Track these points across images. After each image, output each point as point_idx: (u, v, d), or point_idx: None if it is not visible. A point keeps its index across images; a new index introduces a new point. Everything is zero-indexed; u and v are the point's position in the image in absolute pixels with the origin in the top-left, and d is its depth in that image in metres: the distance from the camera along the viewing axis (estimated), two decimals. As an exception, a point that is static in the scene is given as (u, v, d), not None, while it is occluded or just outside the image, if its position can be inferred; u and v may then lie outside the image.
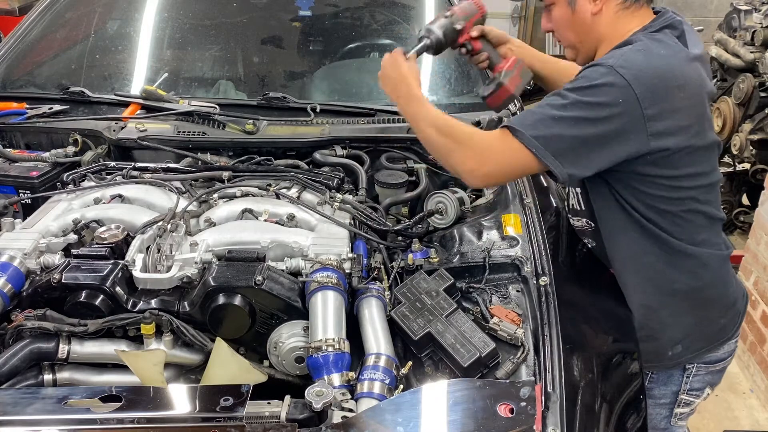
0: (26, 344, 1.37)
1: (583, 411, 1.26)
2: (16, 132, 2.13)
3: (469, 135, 1.50)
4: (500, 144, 1.44)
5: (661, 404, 1.71)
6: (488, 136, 1.49)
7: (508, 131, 1.43)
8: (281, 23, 2.85)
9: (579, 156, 1.40)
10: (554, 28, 1.56)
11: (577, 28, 1.52)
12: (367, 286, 1.49)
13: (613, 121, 1.37)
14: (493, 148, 1.46)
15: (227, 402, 1.13)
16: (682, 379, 1.68)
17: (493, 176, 1.51)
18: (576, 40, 1.54)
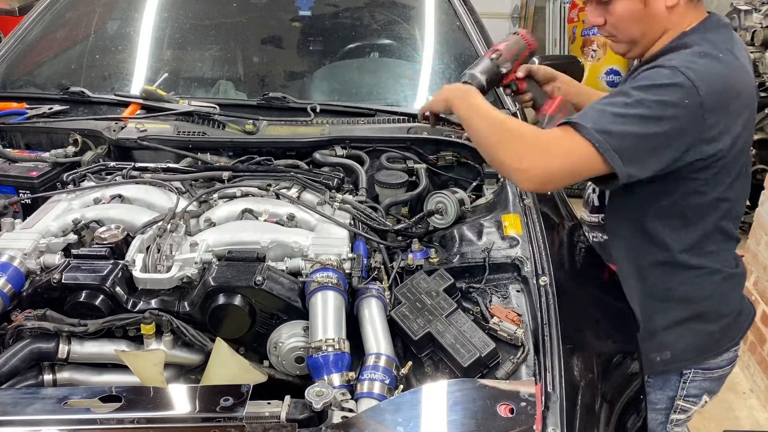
0: (26, 344, 1.37)
1: (583, 411, 1.26)
2: (16, 132, 2.13)
3: (525, 130, 1.41)
4: (560, 140, 1.36)
5: (657, 409, 1.70)
6: (546, 133, 1.42)
7: (569, 127, 1.36)
8: (281, 23, 2.86)
9: (641, 155, 1.35)
10: (613, 23, 1.46)
11: (646, 22, 1.43)
12: (367, 286, 1.49)
13: (677, 120, 1.33)
14: (552, 145, 1.37)
15: (227, 402, 1.13)
16: (678, 385, 1.66)
17: (550, 176, 1.37)
18: (639, 35, 1.46)
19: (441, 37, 2.67)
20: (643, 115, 1.32)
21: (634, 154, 1.34)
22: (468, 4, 2.72)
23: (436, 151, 2.03)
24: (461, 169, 2.04)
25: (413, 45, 2.71)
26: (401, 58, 2.68)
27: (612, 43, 1.52)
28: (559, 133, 1.38)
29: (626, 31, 1.47)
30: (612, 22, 1.46)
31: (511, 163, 1.39)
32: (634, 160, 1.35)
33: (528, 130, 1.42)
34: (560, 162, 1.36)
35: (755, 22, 3.95)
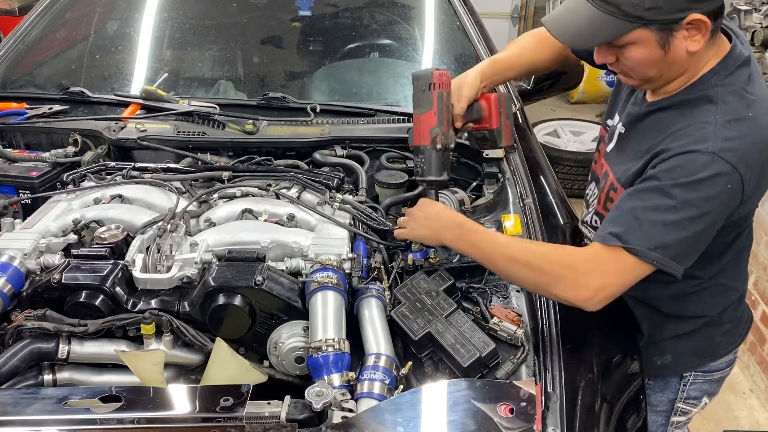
0: (26, 344, 1.37)
1: (583, 411, 1.26)
2: (16, 132, 2.13)
3: (568, 263, 1.33)
4: (614, 265, 1.29)
5: (657, 411, 1.70)
6: (594, 259, 1.31)
7: (621, 249, 1.27)
8: (281, 23, 2.85)
9: (695, 249, 1.33)
10: (628, 65, 1.35)
11: (665, 65, 1.32)
12: (367, 286, 1.49)
13: (722, 206, 1.29)
14: (607, 272, 1.30)
15: (227, 402, 1.13)
16: (678, 387, 1.66)
17: (611, 297, 1.32)
18: (655, 76, 1.35)
19: (441, 37, 2.67)
20: (692, 217, 1.27)
21: (690, 252, 1.32)
22: (468, 4, 2.72)
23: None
24: (461, 169, 2.04)
25: (413, 45, 2.71)
26: (401, 58, 2.68)
27: (622, 76, 1.42)
28: (610, 257, 1.29)
29: (642, 73, 1.36)
30: (627, 64, 1.35)
31: (567, 296, 1.33)
32: (691, 256, 1.32)
33: (572, 257, 1.35)
34: (619, 282, 1.31)
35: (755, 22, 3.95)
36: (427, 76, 1.51)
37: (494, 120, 1.65)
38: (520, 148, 2.06)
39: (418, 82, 1.52)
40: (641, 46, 1.29)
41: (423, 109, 1.51)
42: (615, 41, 1.29)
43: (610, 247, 1.29)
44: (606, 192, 1.52)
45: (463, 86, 1.60)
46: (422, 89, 1.51)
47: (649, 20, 1.24)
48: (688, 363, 1.63)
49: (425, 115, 1.51)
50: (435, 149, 1.53)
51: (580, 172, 4.40)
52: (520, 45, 1.76)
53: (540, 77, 2.62)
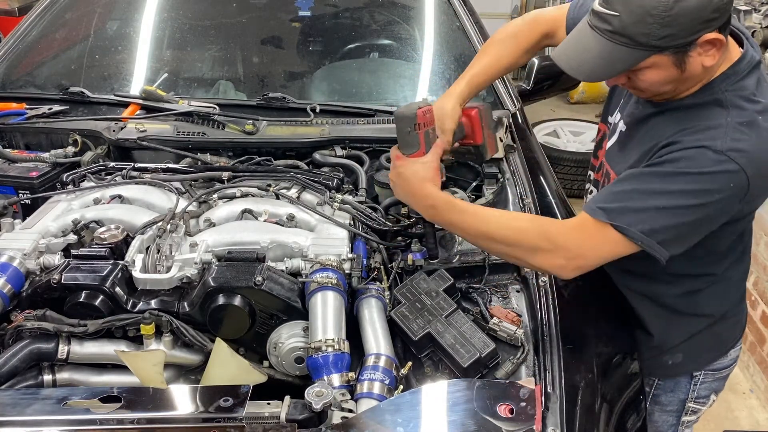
0: (26, 345, 1.37)
1: (583, 411, 1.26)
2: (16, 132, 2.13)
3: (545, 234, 1.34)
4: (597, 239, 1.31)
5: (668, 411, 1.71)
6: (576, 232, 1.33)
7: (607, 224, 1.29)
8: (281, 23, 2.85)
9: (684, 239, 1.33)
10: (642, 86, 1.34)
11: (681, 82, 1.32)
12: (367, 286, 1.49)
13: (721, 203, 1.29)
14: (587, 244, 1.32)
15: (227, 402, 1.13)
16: (689, 387, 1.66)
17: (586, 268, 1.35)
18: (670, 90, 1.35)
19: (441, 37, 2.66)
20: (688, 206, 1.27)
21: (679, 241, 1.32)
22: (468, 5, 2.72)
23: (436, 152, 2.02)
24: (461, 170, 2.04)
25: (413, 45, 2.71)
26: (401, 59, 2.68)
27: (633, 90, 1.42)
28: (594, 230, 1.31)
29: (656, 90, 1.35)
30: (641, 86, 1.34)
31: (543, 266, 1.37)
32: (679, 245, 1.32)
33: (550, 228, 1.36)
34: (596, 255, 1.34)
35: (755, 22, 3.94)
36: (411, 117, 1.44)
37: (478, 136, 1.64)
38: (520, 148, 2.06)
39: (402, 122, 1.46)
40: (657, 69, 1.28)
41: (411, 149, 1.46)
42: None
43: (596, 220, 1.29)
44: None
45: (445, 118, 1.55)
46: (407, 130, 1.46)
47: (664, 47, 1.23)
48: (699, 361, 1.64)
49: (413, 156, 1.47)
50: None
51: (579, 172, 4.40)
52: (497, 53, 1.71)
53: (540, 77, 2.63)
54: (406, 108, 1.46)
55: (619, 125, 1.53)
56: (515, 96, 2.37)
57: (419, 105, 1.46)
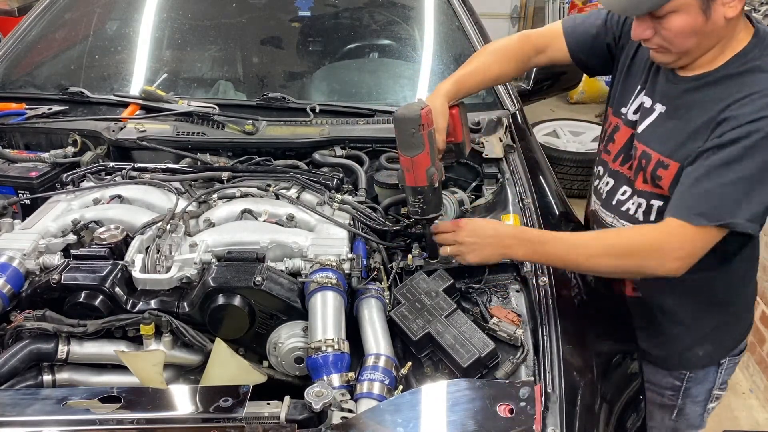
0: (25, 345, 1.37)
1: (583, 411, 1.26)
2: (16, 132, 2.13)
3: (652, 245, 1.39)
4: (702, 241, 1.36)
5: (698, 402, 1.75)
6: (680, 236, 1.36)
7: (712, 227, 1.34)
8: (280, 23, 2.86)
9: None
10: (667, 36, 1.37)
11: (703, 34, 1.35)
12: (367, 286, 1.49)
13: None
14: (693, 247, 1.37)
15: (227, 403, 1.13)
16: (716, 376, 1.71)
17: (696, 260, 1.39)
18: (693, 46, 1.38)
19: (440, 37, 2.67)
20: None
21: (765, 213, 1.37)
22: (467, 5, 2.72)
23: (436, 152, 2.02)
24: (461, 170, 2.04)
25: (413, 45, 2.71)
26: (401, 59, 2.68)
27: (657, 54, 1.44)
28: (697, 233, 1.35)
29: (681, 44, 1.38)
30: (665, 36, 1.37)
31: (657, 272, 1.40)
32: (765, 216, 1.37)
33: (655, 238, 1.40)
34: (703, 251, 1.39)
35: (754, 22, 3.95)
36: (415, 118, 1.43)
37: (459, 133, 1.65)
38: (520, 149, 2.06)
39: (406, 124, 1.45)
40: (683, 14, 1.31)
41: (415, 151, 1.45)
42: (657, 11, 1.32)
43: (696, 226, 1.34)
44: (652, 169, 1.51)
45: (438, 117, 1.55)
46: (411, 131, 1.45)
47: None
48: (724, 349, 1.69)
49: (419, 157, 1.46)
50: (433, 188, 1.51)
51: (579, 172, 4.40)
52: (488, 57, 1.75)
53: (540, 77, 2.63)
54: (406, 110, 1.45)
55: (655, 107, 1.53)
56: (515, 96, 2.37)
57: (420, 106, 1.45)
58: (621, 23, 1.62)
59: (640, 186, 1.57)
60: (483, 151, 1.98)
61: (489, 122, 2.12)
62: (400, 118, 1.45)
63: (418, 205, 1.53)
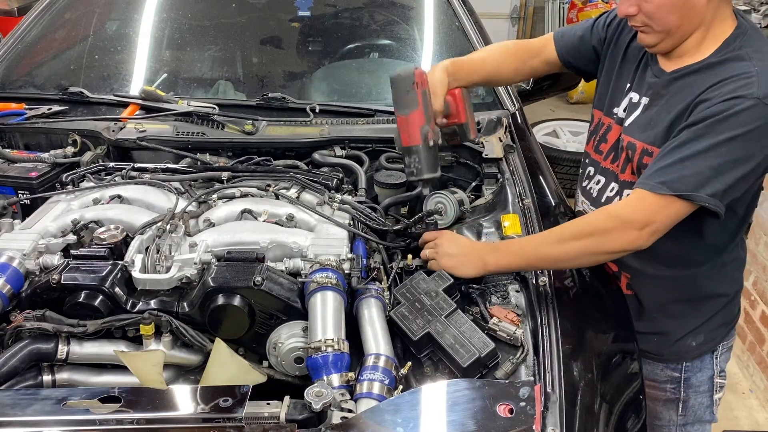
0: (25, 345, 1.37)
1: (583, 411, 1.26)
2: (15, 132, 2.13)
3: (612, 216, 1.43)
4: (663, 210, 1.39)
5: (701, 392, 1.75)
6: (641, 204, 1.40)
7: (670, 196, 1.37)
8: (280, 24, 2.86)
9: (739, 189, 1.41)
10: (649, 11, 1.42)
11: (684, 11, 1.40)
12: (367, 286, 1.49)
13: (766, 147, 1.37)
14: (657, 215, 1.39)
15: (226, 403, 1.13)
16: (713, 363, 1.72)
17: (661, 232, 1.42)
18: (675, 25, 1.42)
19: (440, 37, 2.67)
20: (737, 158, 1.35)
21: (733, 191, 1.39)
22: (467, 5, 2.72)
23: (436, 152, 2.02)
24: (460, 170, 2.04)
25: (412, 45, 2.71)
26: (400, 59, 2.68)
27: (642, 35, 1.48)
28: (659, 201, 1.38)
29: (662, 20, 1.42)
30: (648, 11, 1.42)
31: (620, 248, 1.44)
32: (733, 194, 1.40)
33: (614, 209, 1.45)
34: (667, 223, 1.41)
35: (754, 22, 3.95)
36: (409, 76, 1.49)
37: (462, 114, 1.68)
38: (519, 149, 2.06)
39: (400, 83, 1.51)
40: None
41: (409, 109, 1.50)
42: None
43: (658, 194, 1.37)
44: (638, 159, 1.54)
45: (436, 83, 1.61)
46: (406, 90, 1.50)
47: None
48: (717, 337, 1.71)
49: (413, 114, 1.50)
50: (428, 147, 1.53)
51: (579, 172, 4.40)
52: (486, 53, 1.84)
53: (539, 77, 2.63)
54: (401, 70, 1.54)
55: (641, 101, 1.57)
56: (515, 96, 2.37)
57: (415, 66, 1.52)
58: (607, 26, 1.68)
59: (627, 178, 1.61)
60: (483, 151, 1.98)
61: (489, 122, 2.12)
62: (394, 77, 1.52)
63: (414, 165, 1.55)
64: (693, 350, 1.70)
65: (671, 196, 1.36)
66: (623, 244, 1.42)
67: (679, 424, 1.78)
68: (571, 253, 1.47)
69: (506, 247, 1.53)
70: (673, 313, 1.68)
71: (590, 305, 1.62)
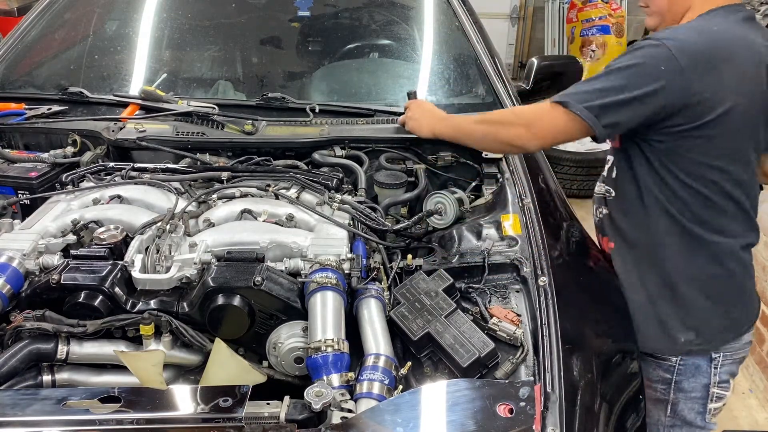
0: (25, 345, 1.37)
1: (583, 411, 1.26)
2: (15, 133, 2.13)
3: (516, 112, 1.80)
4: (550, 116, 1.60)
5: (692, 398, 1.73)
6: (537, 111, 1.66)
7: (559, 105, 1.57)
8: (280, 24, 2.86)
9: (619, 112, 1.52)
10: None
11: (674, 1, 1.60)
12: (367, 286, 1.49)
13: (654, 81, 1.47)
14: (543, 120, 1.63)
15: (226, 403, 1.13)
16: (710, 371, 1.70)
17: (544, 139, 1.66)
18: (666, 7, 1.62)
19: (440, 37, 2.67)
20: (623, 84, 1.50)
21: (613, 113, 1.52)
22: (467, 5, 2.72)
23: (435, 152, 2.03)
24: (460, 170, 2.04)
25: (412, 45, 2.71)
26: (400, 59, 2.68)
27: (647, 18, 1.70)
28: (552, 110, 1.60)
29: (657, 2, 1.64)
30: None
31: (511, 140, 1.71)
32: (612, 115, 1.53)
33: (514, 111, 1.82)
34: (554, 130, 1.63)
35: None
36: None
37: None
38: (519, 148, 2.05)
39: None
40: None
41: None
42: None
43: (552, 104, 1.60)
44: None
45: None
46: None
47: None
48: (714, 342, 1.68)
49: None
50: None
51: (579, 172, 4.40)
52: None
53: (539, 77, 2.63)
54: None
55: None
56: (515, 96, 2.37)
57: None
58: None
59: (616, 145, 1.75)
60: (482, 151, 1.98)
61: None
62: None
63: None
64: (682, 346, 1.68)
65: (554, 103, 1.58)
66: (511, 137, 1.69)
67: (666, 425, 1.78)
68: (479, 133, 1.82)
69: (450, 121, 1.91)
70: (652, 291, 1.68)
71: (590, 305, 1.62)
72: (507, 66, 6.73)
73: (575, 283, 1.62)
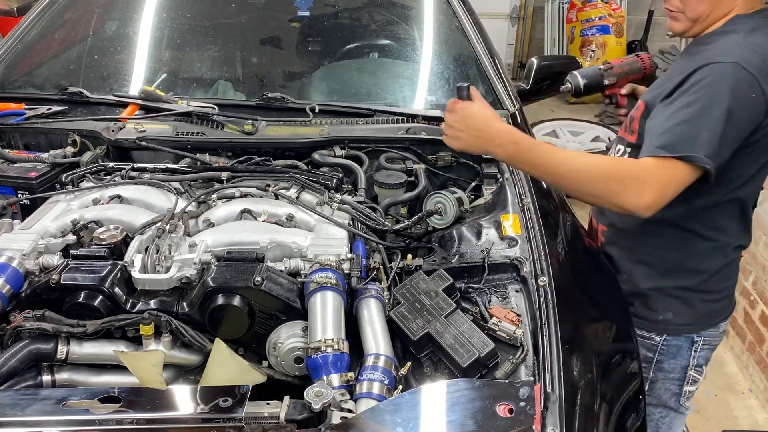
0: (25, 345, 1.37)
1: (583, 411, 1.26)
2: (15, 133, 2.13)
3: (633, 174, 1.44)
4: (672, 173, 1.42)
5: (671, 379, 1.78)
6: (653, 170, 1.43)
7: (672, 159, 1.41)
8: (280, 24, 2.86)
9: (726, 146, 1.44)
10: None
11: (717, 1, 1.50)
12: (366, 286, 1.49)
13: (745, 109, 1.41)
14: (665, 182, 1.42)
15: (226, 403, 1.13)
16: (690, 354, 1.75)
17: (664, 204, 1.45)
18: (705, 12, 1.52)
19: (440, 37, 2.67)
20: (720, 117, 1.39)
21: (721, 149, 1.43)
22: (467, 5, 2.72)
23: (435, 152, 2.03)
24: (460, 170, 2.04)
25: (412, 45, 2.71)
26: (400, 59, 2.68)
27: (673, 22, 1.58)
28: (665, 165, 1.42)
29: (695, 8, 1.51)
30: None
31: (631, 206, 1.43)
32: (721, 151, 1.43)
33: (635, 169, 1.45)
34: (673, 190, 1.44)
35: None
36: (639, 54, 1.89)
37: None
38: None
39: None
40: None
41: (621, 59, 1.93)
42: None
43: (661, 158, 1.41)
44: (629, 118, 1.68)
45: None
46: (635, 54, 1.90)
47: None
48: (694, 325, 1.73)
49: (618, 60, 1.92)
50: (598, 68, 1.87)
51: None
52: None
53: (539, 77, 2.63)
54: None
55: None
56: (514, 96, 2.37)
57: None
58: None
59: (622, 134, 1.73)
60: None
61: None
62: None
63: None
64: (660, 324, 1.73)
65: (672, 158, 1.40)
66: (636, 202, 1.43)
67: None
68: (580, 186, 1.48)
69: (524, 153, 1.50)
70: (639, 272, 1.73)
71: (590, 305, 1.62)
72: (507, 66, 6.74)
73: (575, 283, 1.62)
